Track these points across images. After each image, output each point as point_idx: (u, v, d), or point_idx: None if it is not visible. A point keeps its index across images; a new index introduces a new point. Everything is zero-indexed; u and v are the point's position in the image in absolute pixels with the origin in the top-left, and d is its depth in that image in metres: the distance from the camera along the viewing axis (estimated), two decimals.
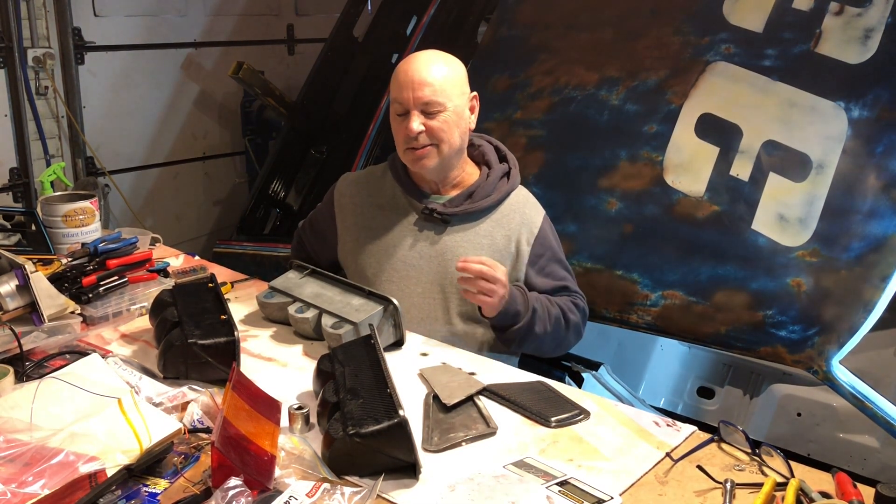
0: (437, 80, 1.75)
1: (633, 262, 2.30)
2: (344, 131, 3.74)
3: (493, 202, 1.86)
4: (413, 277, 1.85)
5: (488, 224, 1.86)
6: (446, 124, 1.77)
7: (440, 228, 1.86)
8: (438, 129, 1.76)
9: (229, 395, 1.23)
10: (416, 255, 1.85)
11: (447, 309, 1.84)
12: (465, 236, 1.85)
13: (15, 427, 1.24)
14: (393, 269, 1.86)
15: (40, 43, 3.40)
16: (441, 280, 1.84)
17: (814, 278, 2.06)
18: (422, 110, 1.75)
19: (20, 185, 3.41)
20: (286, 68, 4.56)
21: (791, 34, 2.21)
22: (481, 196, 1.85)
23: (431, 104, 1.74)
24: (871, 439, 2.55)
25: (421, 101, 1.74)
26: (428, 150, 1.78)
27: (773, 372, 2.82)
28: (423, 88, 1.74)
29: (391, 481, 1.19)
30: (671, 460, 1.26)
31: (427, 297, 1.84)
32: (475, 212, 1.85)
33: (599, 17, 2.62)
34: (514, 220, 1.87)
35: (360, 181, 1.98)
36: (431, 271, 1.84)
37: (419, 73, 1.75)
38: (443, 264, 1.84)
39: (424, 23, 3.32)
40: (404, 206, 1.89)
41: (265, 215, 3.83)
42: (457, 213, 1.84)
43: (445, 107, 1.76)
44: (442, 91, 1.75)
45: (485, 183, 1.87)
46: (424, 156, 1.79)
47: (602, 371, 2.70)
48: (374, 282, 1.87)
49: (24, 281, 1.67)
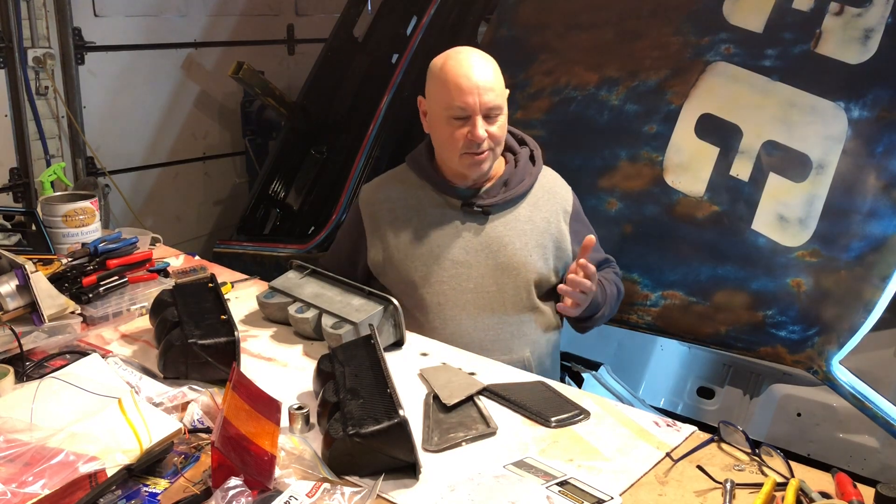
0: (498, 83, 1.76)
1: (633, 262, 2.30)
2: (344, 131, 3.73)
3: (528, 186, 1.88)
4: (464, 274, 1.84)
5: (525, 209, 1.87)
6: (502, 128, 1.80)
7: (482, 220, 1.85)
8: (499, 134, 1.78)
9: (229, 395, 1.23)
10: (463, 251, 1.84)
11: (503, 301, 1.84)
12: (506, 224, 1.86)
13: (15, 427, 1.24)
14: (442, 270, 1.84)
15: (40, 43, 3.40)
16: (493, 271, 1.84)
17: (814, 278, 2.06)
18: (485, 115, 1.75)
19: (20, 185, 3.41)
20: (286, 68, 4.56)
21: (791, 34, 2.21)
22: (516, 182, 1.86)
23: (495, 108, 1.75)
24: (871, 439, 2.55)
25: (486, 106, 1.73)
26: (487, 154, 1.79)
27: (773, 372, 2.81)
28: (488, 93, 1.73)
29: (391, 481, 1.19)
30: (671, 460, 1.26)
31: (481, 291, 1.84)
32: (513, 199, 1.86)
33: (599, 17, 2.62)
34: (548, 201, 1.90)
35: (384, 186, 1.94)
36: (480, 265, 1.84)
37: (481, 77, 1.73)
38: (491, 256, 1.84)
39: (424, 23, 3.32)
40: (440, 204, 1.87)
41: (265, 215, 3.83)
42: (497, 202, 1.85)
43: (502, 109, 1.78)
44: (502, 95, 1.78)
45: (515, 170, 1.88)
46: (484, 160, 1.79)
47: (602, 371, 2.70)
48: (422, 286, 1.84)
49: (24, 281, 1.67)
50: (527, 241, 1.85)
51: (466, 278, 1.84)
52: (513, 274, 1.84)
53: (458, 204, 1.85)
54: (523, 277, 1.84)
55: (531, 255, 1.85)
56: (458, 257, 1.84)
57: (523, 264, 1.84)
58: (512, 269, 1.84)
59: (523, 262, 1.84)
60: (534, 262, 1.85)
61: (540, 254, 1.86)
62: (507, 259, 1.84)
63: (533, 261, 1.85)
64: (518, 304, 1.85)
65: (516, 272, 1.84)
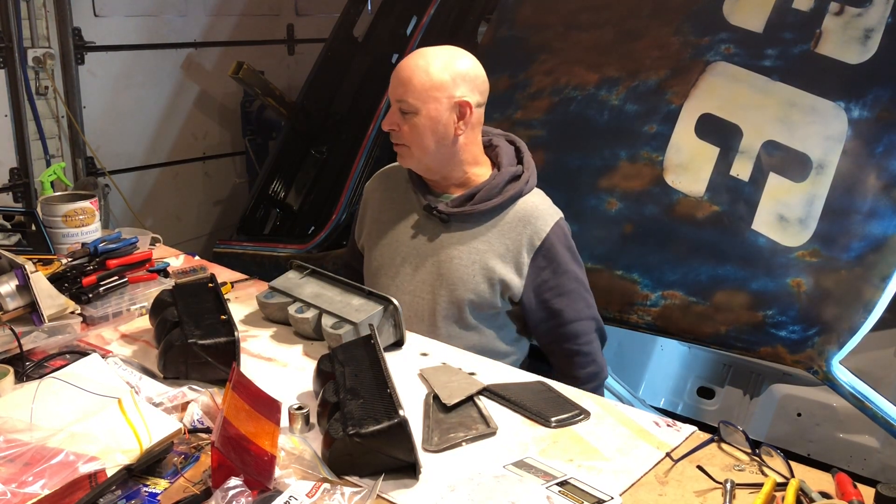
0: (413, 82, 1.71)
1: (633, 262, 2.30)
2: (344, 131, 3.73)
3: (495, 205, 1.77)
4: (408, 275, 1.84)
5: (489, 229, 1.79)
6: (415, 129, 1.74)
7: (438, 228, 1.82)
8: (407, 132, 1.75)
9: (229, 395, 1.23)
10: (413, 251, 1.84)
11: (434, 311, 1.81)
12: (462, 237, 1.80)
13: (15, 427, 1.24)
14: (393, 266, 1.86)
15: (40, 43, 3.41)
16: (432, 280, 1.81)
17: (814, 278, 2.06)
18: (399, 108, 1.75)
19: (20, 185, 3.41)
20: (286, 68, 4.56)
21: (791, 34, 2.21)
22: (483, 199, 1.78)
23: (404, 104, 1.73)
24: (871, 439, 2.55)
25: (395, 97, 1.75)
26: (401, 149, 1.79)
27: (773, 372, 2.82)
28: (398, 87, 1.73)
29: (391, 481, 1.19)
30: (671, 460, 1.26)
31: (416, 296, 1.82)
32: (475, 214, 1.78)
33: (599, 17, 2.62)
34: (517, 229, 1.78)
35: (383, 175, 1.99)
36: (425, 270, 1.82)
37: (403, 70, 1.74)
38: (436, 264, 1.81)
39: (424, 23, 3.32)
40: (412, 201, 1.87)
41: (265, 215, 3.83)
42: (455, 213, 1.79)
43: (418, 111, 1.72)
44: (421, 97, 1.71)
45: (489, 185, 1.78)
46: (400, 153, 1.80)
47: None
48: (376, 274, 1.88)
49: (24, 281, 1.67)
50: (475, 259, 1.78)
51: (409, 280, 1.83)
52: (449, 287, 1.79)
53: (423, 205, 1.83)
54: (458, 294, 1.78)
55: (475, 275, 1.77)
56: (407, 256, 1.84)
57: (462, 281, 1.78)
58: (450, 282, 1.79)
59: (462, 280, 1.78)
60: (475, 284, 1.77)
61: (484, 277, 1.77)
62: (448, 272, 1.79)
63: (475, 282, 1.77)
64: (448, 318, 1.81)
65: (453, 287, 1.79)
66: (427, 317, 1.82)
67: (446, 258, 1.80)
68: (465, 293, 1.79)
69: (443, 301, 1.80)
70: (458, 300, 1.79)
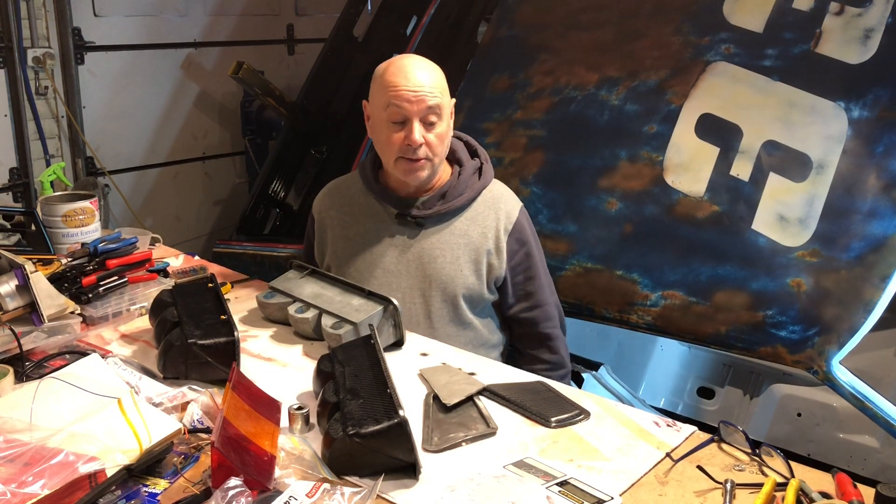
0: (438, 89, 1.72)
1: (633, 262, 2.30)
2: (344, 131, 3.73)
3: (467, 200, 1.83)
4: (393, 284, 1.83)
5: (463, 222, 1.83)
6: (441, 137, 1.75)
7: (415, 232, 1.83)
8: (436, 143, 1.74)
9: (229, 395, 1.23)
10: (394, 261, 1.84)
11: (429, 313, 1.83)
12: (440, 237, 1.83)
13: (15, 427, 1.24)
14: (373, 278, 1.84)
15: (40, 43, 3.40)
16: (421, 284, 1.82)
17: (814, 278, 2.05)
18: (422, 120, 1.72)
19: (20, 185, 3.41)
20: (286, 68, 4.56)
21: (791, 34, 2.21)
22: (454, 195, 1.82)
23: (432, 113, 1.71)
24: (871, 439, 2.55)
25: (423, 109, 1.70)
26: (423, 163, 1.76)
27: (773, 372, 2.82)
28: (426, 97, 1.70)
29: (391, 481, 1.19)
30: (671, 460, 1.26)
31: (407, 303, 1.82)
32: (449, 212, 1.82)
33: (599, 17, 2.62)
34: (487, 215, 1.84)
35: (333, 192, 1.97)
36: (410, 276, 1.83)
37: (421, 80, 1.70)
38: (421, 268, 1.82)
39: (424, 23, 3.32)
40: (379, 213, 1.87)
41: (265, 215, 3.83)
42: (430, 215, 1.82)
43: (442, 117, 1.74)
44: (442, 101, 1.73)
45: (457, 182, 1.83)
46: (419, 168, 1.76)
47: (602, 371, 2.70)
48: None
49: (23, 281, 1.67)
50: (459, 254, 1.81)
51: (396, 288, 1.82)
52: (440, 287, 1.81)
53: (395, 213, 1.83)
54: (451, 292, 1.81)
55: (462, 269, 1.81)
56: (389, 266, 1.84)
57: (451, 278, 1.81)
58: (439, 282, 1.81)
59: (451, 277, 1.81)
60: (464, 277, 1.81)
61: (472, 269, 1.82)
62: (435, 272, 1.81)
63: (464, 276, 1.81)
64: (444, 318, 1.83)
65: (444, 286, 1.81)
66: (423, 320, 1.83)
67: (430, 259, 1.81)
68: (456, 289, 1.81)
69: (436, 302, 1.82)
70: (451, 297, 1.82)
